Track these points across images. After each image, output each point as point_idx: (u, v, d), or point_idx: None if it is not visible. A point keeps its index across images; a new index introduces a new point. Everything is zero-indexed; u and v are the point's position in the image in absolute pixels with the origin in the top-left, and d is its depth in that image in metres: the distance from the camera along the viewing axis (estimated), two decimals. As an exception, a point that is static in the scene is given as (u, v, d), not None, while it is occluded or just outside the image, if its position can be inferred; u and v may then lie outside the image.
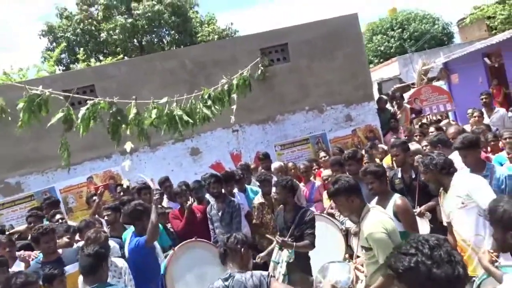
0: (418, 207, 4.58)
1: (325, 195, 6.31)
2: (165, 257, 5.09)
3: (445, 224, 3.95)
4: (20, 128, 3.09)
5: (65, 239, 4.66)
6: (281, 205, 5.15)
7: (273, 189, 5.68)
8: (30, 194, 7.43)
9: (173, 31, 22.02)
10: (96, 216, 6.01)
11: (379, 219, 3.14)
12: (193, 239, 5.24)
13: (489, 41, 14.22)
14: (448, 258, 1.55)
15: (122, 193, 6.67)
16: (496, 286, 2.44)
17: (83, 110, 3.56)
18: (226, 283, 2.87)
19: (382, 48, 28.47)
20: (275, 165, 6.73)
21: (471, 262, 3.48)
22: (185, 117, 4.59)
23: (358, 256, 3.59)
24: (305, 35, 8.40)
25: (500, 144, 5.31)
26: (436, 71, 18.53)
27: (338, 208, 3.34)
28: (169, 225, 5.91)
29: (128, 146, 3.97)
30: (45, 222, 6.09)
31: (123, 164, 4.29)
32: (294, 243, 4.32)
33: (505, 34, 14.55)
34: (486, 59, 14.75)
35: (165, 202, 6.53)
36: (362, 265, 3.40)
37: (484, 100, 8.47)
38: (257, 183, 6.77)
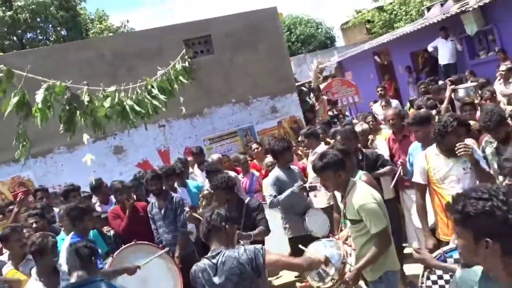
0: None
1: (265, 182, 6.33)
2: (104, 265, 4.59)
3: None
4: None
5: None
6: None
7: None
8: None
9: (60, 27, 20.09)
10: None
11: (368, 190, 3.19)
12: (133, 242, 4.80)
13: (380, 40, 15.68)
14: None
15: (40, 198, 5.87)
16: None
17: (40, 94, 3.00)
18: (214, 260, 2.67)
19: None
20: (213, 157, 6.51)
21: None
22: (137, 107, 4.19)
23: (339, 233, 3.60)
24: (228, 27, 8.31)
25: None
26: (330, 70, 19.90)
27: (324, 183, 3.30)
28: (105, 228, 5.36)
29: (85, 137, 3.49)
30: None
31: (84, 159, 3.75)
32: (251, 233, 4.23)
33: (393, 34, 16.17)
34: (376, 57, 16.25)
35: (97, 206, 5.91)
36: (346, 239, 3.42)
37: (380, 92, 9.20)
38: (197, 176, 6.56)
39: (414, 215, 4.92)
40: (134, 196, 5.48)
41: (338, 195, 3.73)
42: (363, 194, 3.14)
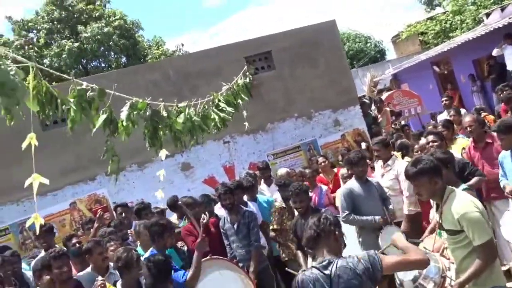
0: None
1: (338, 192, 6.16)
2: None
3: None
4: (71, 128, 2.59)
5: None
6: (298, 213, 4.94)
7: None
8: (4, 227, 6.54)
9: (121, 55, 21.22)
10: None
11: (469, 199, 2.97)
12: (208, 257, 4.79)
13: (438, 50, 15.15)
14: None
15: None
16: None
17: (125, 111, 3.09)
18: (327, 271, 2.48)
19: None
20: (281, 171, 6.47)
21: None
22: (203, 124, 4.25)
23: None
24: (287, 42, 8.35)
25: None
26: (384, 83, 19.42)
27: (418, 191, 3.12)
28: (179, 243, 5.41)
29: (163, 153, 3.56)
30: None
31: (158, 173, 3.84)
32: None
33: (451, 42, 15.60)
34: (435, 67, 15.69)
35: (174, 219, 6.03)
36: (442, 251, 3.21)
37: (445, 102, 8.79)
38: (264, 191, 6.52)
39: (504, 228, 4.59)
40: (207, 213, 5.50)
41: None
42: (464, 202, 2.92)
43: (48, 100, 2.28)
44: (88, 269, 4.42)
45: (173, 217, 6.17)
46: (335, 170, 6.99)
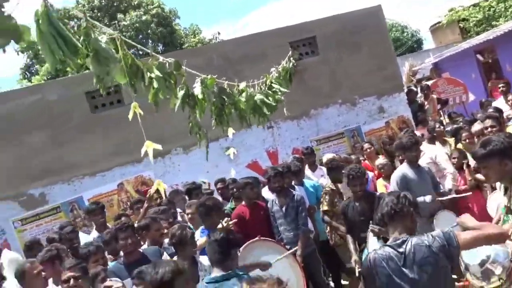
0: None
1: (379, 183, 6.08)
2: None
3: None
4: (155, 102, 2.61)
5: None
6: (350, 196, 4.87)
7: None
8: (56, 206, 6.77)
9: (158, 43, 21.47)
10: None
11: None
12: (257, 238, 4.81)
13: (482, 39, 14.59)
14: None
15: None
16: None
17: (197, 87, 3.11)
18: (401, 249, 2.43)
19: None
20: (328, 156, 6.41)
21: None
22: (267, 100, 4.21)
23: None
24: (332, 27, 8.22)
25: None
26: (423, 73, 18.87)
27: (486, 173, 3.01)
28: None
29: (230, 132, 3.57)
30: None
31: (227, 152, 3.87)
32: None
33: (495, 30, 14.97)
34: (479, 56, 15.10)
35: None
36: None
37: (502, 89, 8.44)
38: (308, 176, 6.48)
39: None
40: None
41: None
42: (538, 186, 2.82)
43: (134, 72, 2.31)
44: (144, 247, 4.52)
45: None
46: (380, 157, 6.87)
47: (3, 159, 6.56)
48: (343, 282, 5.78)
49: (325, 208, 5.35)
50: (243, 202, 5.34)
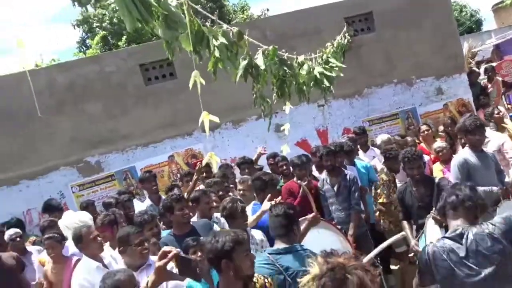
0: None
1: (436, 167, 5.83)
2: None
3: None
4: (213, 72, 2.57)
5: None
6: (407, 180, 4.69)
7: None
8: (110, 174, 7.03)
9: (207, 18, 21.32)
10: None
11: None
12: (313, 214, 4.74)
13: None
14: None
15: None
16: None
17: (259, 57, 3.04)
18: (462, 240, 2.33)
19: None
20: (382, 137, 6.20)
21: None
22: (327, 73, 4.07)
23: None
24: (390, 3, 7.84)
25: None
26: (482, 55, 17.77)
27: None
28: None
29: (288, 107, 3.49)
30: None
31: (282, 128, 3.83)
32: None
33: None
34: (548, 37, 14.03)
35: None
36: None
37: None
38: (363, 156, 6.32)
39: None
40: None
41: None
42: None
43: (199, 39, 2.27)
44: (194, 218, 4.59)
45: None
46: (438, 140, 6.56)
47: (65, 127, 6.84)
48: (392, 267, 5.66)
49: (383, 200, 5.21)
50: (294, 179, 5.31)
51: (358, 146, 6.60)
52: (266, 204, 3.89)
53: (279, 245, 2.92)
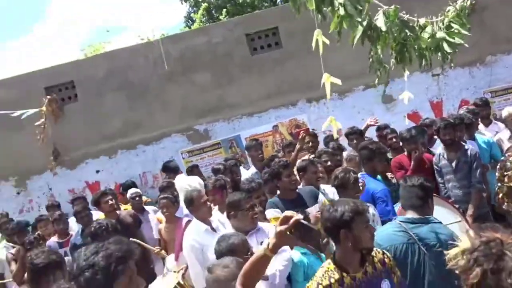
0: None
1: None
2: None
3: None
4: (335, 29, 2.44)
5: None
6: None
7: None
8: (217, 141, 7.29)
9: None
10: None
11: None
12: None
13: None
14: None
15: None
16: None
17: (380, 18, 2.80)
18: None
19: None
20: (510, 110, 5.54)
21: None
22: (450, 38, 3.66)
23: None
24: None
25: None
26: None
27: None
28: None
29: (406, 74, 3.23)
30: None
31: (401, 96, 3.60)
32: None
33: None
34: None
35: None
36: None
37: None
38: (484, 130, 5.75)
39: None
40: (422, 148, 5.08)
41: None
42: None
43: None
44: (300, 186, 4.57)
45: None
46: None
47: (175, 96, 7.22)
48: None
49: None
50: (405, 153, 5.02)
51: (479, 120, 6.01)
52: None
53: (412, 214, 2.77)
